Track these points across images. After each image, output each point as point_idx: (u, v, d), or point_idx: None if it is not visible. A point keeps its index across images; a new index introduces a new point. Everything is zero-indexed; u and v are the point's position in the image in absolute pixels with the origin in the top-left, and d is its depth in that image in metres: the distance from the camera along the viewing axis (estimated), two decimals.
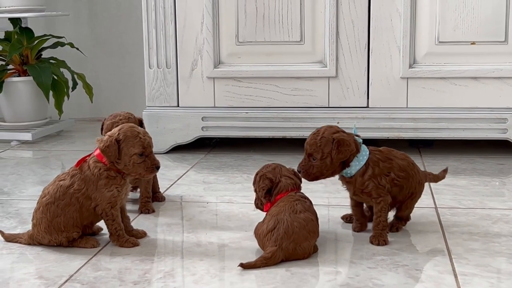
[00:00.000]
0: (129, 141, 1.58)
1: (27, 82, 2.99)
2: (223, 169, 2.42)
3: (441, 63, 2.48)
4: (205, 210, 1.94)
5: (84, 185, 1.61)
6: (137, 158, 1.58)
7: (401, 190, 1.66)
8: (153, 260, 1.56)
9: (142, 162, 1.59)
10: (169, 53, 2.61)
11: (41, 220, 1.62)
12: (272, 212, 1.55)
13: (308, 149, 1.62)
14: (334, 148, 1.59)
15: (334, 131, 1.62)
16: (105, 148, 1.58)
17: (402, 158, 1.67)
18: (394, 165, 1.65)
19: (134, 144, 1.58)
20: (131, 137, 1.58)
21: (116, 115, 1.90)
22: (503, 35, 2.42)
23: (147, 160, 1.60)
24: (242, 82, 2.59)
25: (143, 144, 1.58)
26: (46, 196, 1.62)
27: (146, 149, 1.59)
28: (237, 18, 2.55)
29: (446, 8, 2.44)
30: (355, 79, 2.52)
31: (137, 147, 1.58)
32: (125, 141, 1.58)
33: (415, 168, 1.69)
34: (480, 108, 2.48)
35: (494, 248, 1.60)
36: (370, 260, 1.53)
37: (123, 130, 1.59)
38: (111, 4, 3.39)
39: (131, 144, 1.58)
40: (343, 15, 2.49)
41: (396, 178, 1.64)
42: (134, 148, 1.58)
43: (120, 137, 1.58)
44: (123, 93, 3.45)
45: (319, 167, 1.61)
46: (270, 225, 1.51)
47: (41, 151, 2.80)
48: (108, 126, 1.86)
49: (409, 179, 1.66)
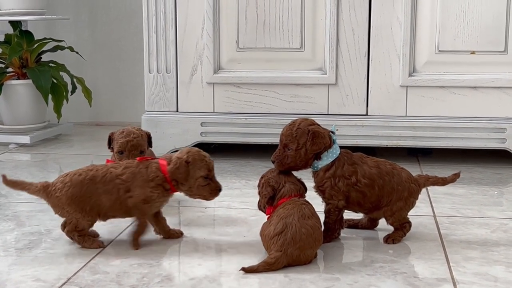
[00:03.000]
0: (196, 164, 1.63)
1: (26, 85, 2.99)
2: (221, 174, 2.42)
3: (441, 72, 2.49)
4: (204, 215, 1.94)
5: (132, 178, 1.64)
6: (202, 181, 1.63)
7: (364, 196, 1.65)
8: (151, 264, 1.55)
9: (207, 185, 1.64)
10: (169, 58, 2.61)
11: (72, 187, 1.62)
12: (280, 214, 1.54)
13: (284, 140, 1.65)
14: (309, 140, 1.62)
15: (310, 123, 1.66)
16: (175, 170, 1.63)
17: (373, 166, 1.66)
18: (359, 170, 1.65)
19: (201, 167, 1.63)
20: (198, 160, 1.64)
21: (129, 132, 1.84)
22: (503, 45, 2.43)
23: (211, 183, 1.65)
24: (241, 88, 2.59)
25: (208, 167, 1.64)
26: (93, 172, 1.64)
27: (210, 172, 1.65)
28: (237, 24, 2.56)
29: (446, 17, 2.45)
30: (354, 86, 2.53)
31: (203, 170, 1.63)
32: (192, 164, 1.63)
33: (389, 177, 1.65)
34: (479, 117, 2.49)
35: (492, 256, 1.60)
36: (369, 267, 1.53)
37: (191, 153, 1.65)
38: (111, 9, 3.39)
39: (198, 166, 1.63)
40: (344, 23, 2.49)
41: (357, 183, 1.64)
42: (200, 171, 1.63)
43: (189, 159, 1.63)
44: (122, 97, 3.45)
45: (293, 157, 1.64)
46: (278, 228, 1.50)
47: (39, 155, 2.79)
48: (123, 144, 1.82)
49: (374, 187, 1.65)
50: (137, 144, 1.83)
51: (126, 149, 1.82)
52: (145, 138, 1.87)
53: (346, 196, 1.66)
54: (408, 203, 1.69)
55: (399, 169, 1.69)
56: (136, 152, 1.83)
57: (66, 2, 3.41)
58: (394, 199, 1.67)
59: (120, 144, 1.83)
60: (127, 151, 1.83)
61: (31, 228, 1.82)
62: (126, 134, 1.84)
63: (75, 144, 3.02)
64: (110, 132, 1.88)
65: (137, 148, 1.83)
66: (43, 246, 1.68)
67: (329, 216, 1.68)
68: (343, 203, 1.67)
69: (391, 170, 1.67)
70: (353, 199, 1.66)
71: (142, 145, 1.85)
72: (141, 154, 1.84)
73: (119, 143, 1.83)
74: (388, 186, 1.66)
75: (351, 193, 1.65)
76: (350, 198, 1.67)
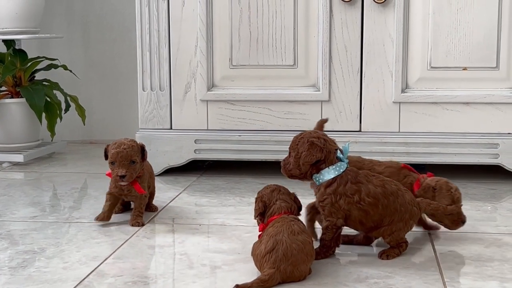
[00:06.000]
0: (441, 192, 1.78)
1: (20, 103, 2.98)
2: (215, 191, 2.42)
3: (433, 88, 2.50)
4: (198, 232, 1.94)
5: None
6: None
7: (367, 215, 1.65)
8: (145, 282, 1.55)
9: (449, 214, 1.78)
10: (162, 76, 2.61)
11: None
12: (270, 233, 1.54)
13: (290, 147, 1.69)
14: (305, 149, 1.63)
15: (316, 135, 1.67)
16: (422, 192, 1.80)
17: (379, 185, 1.66)
18: (363, 188, 1.65)
19: (446, 196, 1.77)
20: (445, 189, 1.78)
21: (121, 143, 1.94)
22: (494, 61, 2.45)
23: (454, 213, 1.79)
24: (235, 105, 2.60)
25: (452, 198, 1.78)
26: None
27: (453, 203, 1.78)
28: (231, 42, 2.57)
29: (438, 34, 2.46)
30: (347, 103, 2.54)
31: (447, 199, 1.76)
32: (438, 191, 1.78)
33: (393, 198, 1.66)
34: (471, 133, 2.50)
35: (486, 272, 1.60)
36: (363, 283, 1.53)
37: (440, 182, 1.81)
38: (105, 27, 3.40)
39: (443, 195, 1.77)
40: (336, 40, 2.51)
41: (361, 201, 1.64)
42: (444, 200, 1.76)
43: (436, 186, 1.78)
44: (116, 115, 3.45)
45: (293, 165, 1.67)
46: (268, 246, 1.50)
47: (33, 173, 2.79)
48: (113, 155, 1.93)
49: (378, 206, 1.64)
50: (127, 154, 1.93)
51: (116, 160, 1.94)
52: (136, 149, 1.96)
53: (348, 215, 1.66)
54: (407, 225, 1.69)
55: (403, 191, 1.69)
56: (126, 162, 1.93)
57: (59, 20, 3.42)
58: (396, 220, 1.67)
59: (111, 154, 1.94)
60: (117, 161, 1.94)
61: (25, 246, 1.82)
62: (118, 145, 1.95)
63: (69, 162, 3.01)
64: (106, 145, 1.98)
65: (127, 159, 1.94)
66: (36, 265, 1.67)
67: (326, 233, 1.67)
68: (342, 222, 1.66)
69: (396, 191, 1.67)
70: (355, 217, 1.66)
71: (133, 155, 1.94)
72: (132, 164, 1.94)
73: (111, 154, 1.94)
74: (392, 206, 1.66)
75: (353, 211, 1.65)
76: (352, 217, 1.66)
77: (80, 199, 2.36)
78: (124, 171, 1.94)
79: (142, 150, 1.99)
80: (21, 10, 2.98)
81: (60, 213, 2.16)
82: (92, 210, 2.17)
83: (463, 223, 1.83)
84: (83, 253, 1.75)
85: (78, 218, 2.09)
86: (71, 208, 2.23)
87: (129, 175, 1.95)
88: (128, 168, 1.94)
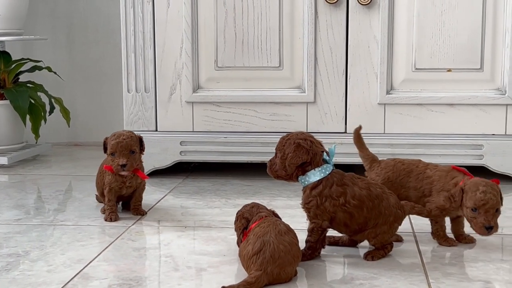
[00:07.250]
0: (468, 194, 1.68)
1: (4, 105, 2.96)
2: (201, 193, 2.41)
3: (418, 90, 2.51)
4: (183, 235, 1.93)
5: (437, 181, 1.80)
6: (470, 212, 1.68)
7: (352, 217, 1.65)
8: (131, 284, 1.54)
9: (474, 218, 1.67)
10: (148, 78, 2.61)
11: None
12: (257, 233, 1.54)
13: (277, 147, 1.70)
14: (291, 151, 1.64)
15: (302, 137, 1.67)
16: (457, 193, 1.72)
17: (364, 187, 1.66)
18: (349, 191, 1.65)
19: (471, 198, 1.67)
20: (471, 191, 1.68)
21: (120, 134, 2.00)
22: (478, 62, 2.46)
23: (479, 218, 1.67)
24: (221, 107, 2.60)
25: (475, 200, 1.67)
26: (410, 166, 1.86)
27: (478, 207, 1.67)
28: (216, 44, 2.57)
29: (422, 36, 2.47)
30: (333, 104, 2.54)
31: (471, 202, 1.67)
32: (466, 193, 1.69)
33: (378, 201, 1.66)
34: (456, 134, 2.51)
35: (471, 272, 1.61)
36: (349, 284, 1.53)
37: (469, 183, 1.70)
38: (89, 29, 3.39)
39: (469, 197, 1.68)
40: (321, 42, 2.51)
41: (346, 204, 1.64)
42: (469, 202, 1.68)
43: (465, 187, 1.69)
44: (101, 117, 3.43)
45: (279, 166, 1.68)
46: (256, 247, 1.50)
47: (17, 175, 2.77)
48: (113, 146, 1.98)
49: (363, 209, 1.65)
50: (126, 144, 1.99)
51: (117, 150, 1.98)
52: (135, 140, 2.02)
53: (333, 217, 1.66)
54: (392, 228, 1.69)
55: (388, 194, 1.69)
56: (126, 152, 1.99)
57: (43, 22, 3.40)
58: (380, 223, 1.67)
59: (111, 145, 1.99)
60: (118, 151, 1.99)
61: (9, 249, 1.80)
62: (117, 136, 2.00)
63: (53, 164, 2.99)
64: (105, 138, 2.03)
65: (127, 148, 1.99)
66: (21, 268, 1.66)
67: (311, 235, 1.68)
68: (327, 224, 1.67)
69: (380, 194, 1.67)
70: (340, 219, 1.66)
71: (132, 145, 2.00)
72: (132, 154, 2.00)
73: (110, 145, 1.99)
74: (376, 209, 1.66)
75: (338, 213, 1.65)
76: (336, 219, 1.66)
77: (65, 202, 2.34)
78: (125, 160, 1.99)
79: (140, 142, 2.05)
80: (5, 12, 2.96)
81: (44, 215, 2.15)
82: (76, 212, 2.16)
83: (487, 229, 1.66)
84: (67, 256, 1.74)
85: (63, 220, 2.08)
86: (56, 210, 2.22)
87: (130, 164, 2.00)
88: (128, 157, 2.00)
